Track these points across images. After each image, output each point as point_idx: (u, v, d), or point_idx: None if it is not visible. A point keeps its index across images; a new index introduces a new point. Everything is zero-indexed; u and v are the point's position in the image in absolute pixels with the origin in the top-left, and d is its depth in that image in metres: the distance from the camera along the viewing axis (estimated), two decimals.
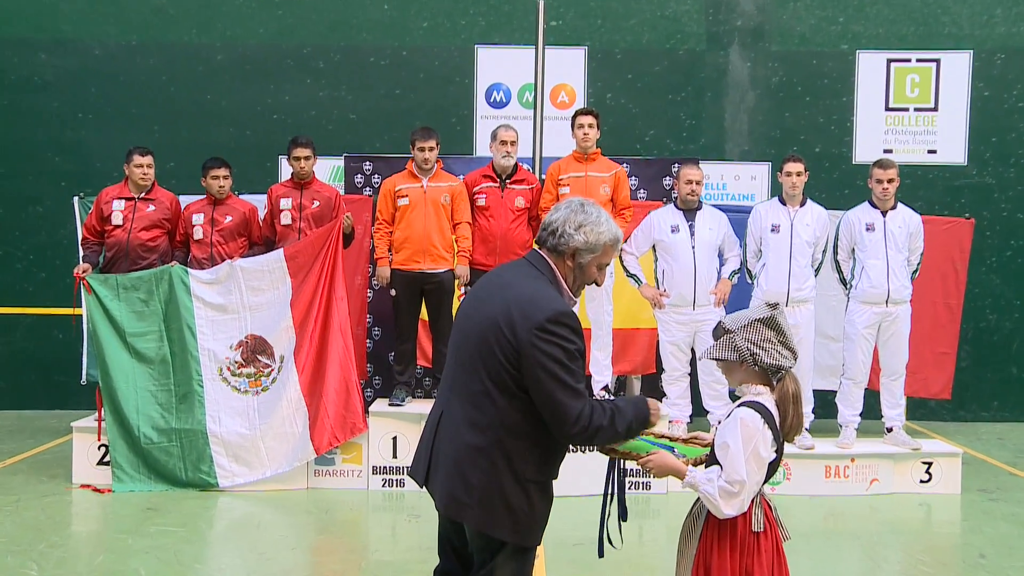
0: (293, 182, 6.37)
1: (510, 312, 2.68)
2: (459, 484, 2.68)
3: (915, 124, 8.33)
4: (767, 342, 2.84)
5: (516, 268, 2.86)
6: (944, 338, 7.20)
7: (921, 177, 8.30)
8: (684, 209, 6.33)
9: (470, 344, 2.73)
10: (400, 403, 6.20)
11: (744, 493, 2.75)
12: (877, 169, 6.26)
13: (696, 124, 8.33)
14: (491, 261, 6.29)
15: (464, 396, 2.73)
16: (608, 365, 6.43)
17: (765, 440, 2.77)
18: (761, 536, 2.81)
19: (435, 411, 2.88)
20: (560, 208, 2.93)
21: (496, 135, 6.34)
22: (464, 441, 2.68)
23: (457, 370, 2.76)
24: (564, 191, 6.25)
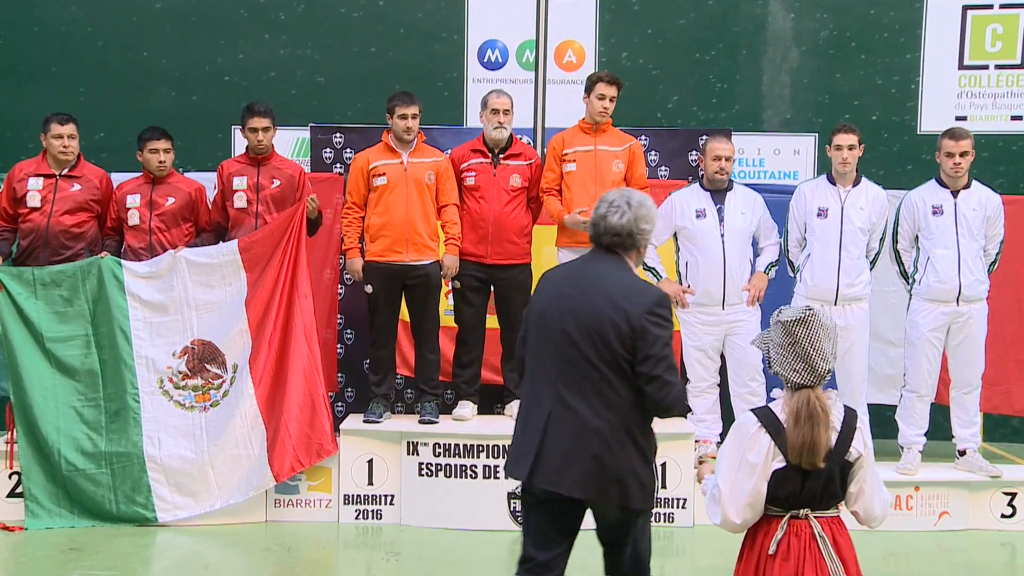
0: (249, 157, 6.44)
1: (617, 302, 3.48)
2: (594, 468, 3.42)
3: (996, 85, 8.35)
4: (782, 348, 3.17)
5: (600, 261, 3.65)
6: None
7: (1003, 149, 8.32)
8: (712, 190, 6.39)
9: (578, 339, 3.47)
10: (377, 420, 6.28)
11: (726, 496, 3.11)
12: (947, 140, 6.31)
13: (728, 88, 8.37)
14: (482, 250, 6.37)
15: (578, 387, 3.46)
16: None
17: (757, 444, 3.09)
18: (778, 561, 3.08)
19: (538, 407, 3.54)
20: (616, 208, 3.68)
21: (487, 102, 6.42)
22: (589, 427, 3.42)
23: (563, 365, 3.47)
24: (569, 168, 6.32)
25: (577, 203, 6.26)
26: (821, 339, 3.17)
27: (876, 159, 7.72)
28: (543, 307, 3.60)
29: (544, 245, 6.72)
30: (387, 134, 6.34)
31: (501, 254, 6.37)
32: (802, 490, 3.15)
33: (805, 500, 3.16)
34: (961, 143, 6.25)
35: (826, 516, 3.21)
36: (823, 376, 3.17)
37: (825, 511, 3.20)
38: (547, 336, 3.57)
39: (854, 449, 3.20)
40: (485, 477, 6.05)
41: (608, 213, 3.66)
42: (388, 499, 6.15)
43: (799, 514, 3.16)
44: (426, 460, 6.09)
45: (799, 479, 3.10)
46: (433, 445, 6.10)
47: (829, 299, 6.27)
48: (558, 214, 6.29)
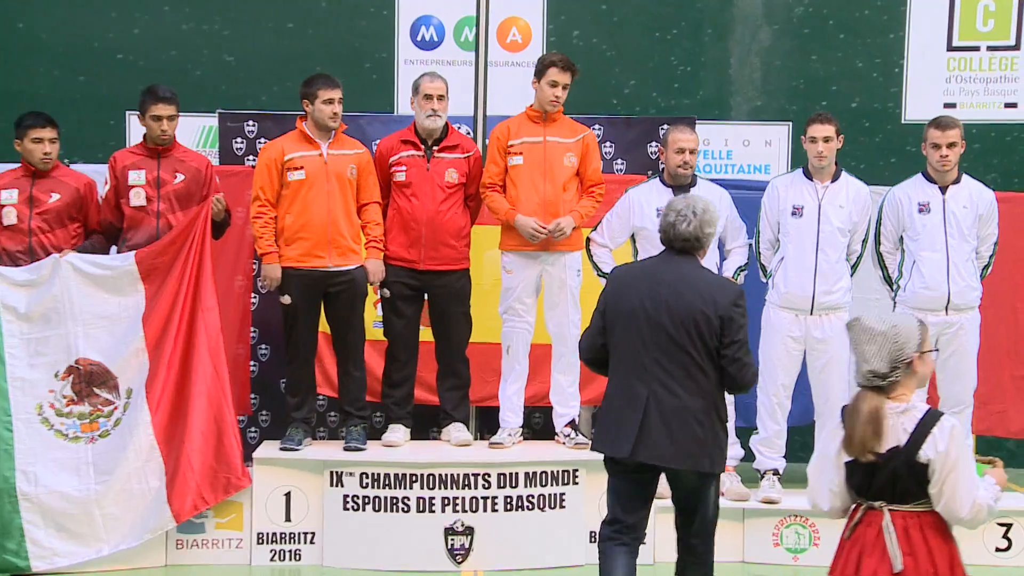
0: (147, 148, 6.38)
1: (707, 296, 4.52)
2: (692, 442, 4.47)
3: (988, 68, 8.50)
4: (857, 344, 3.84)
5: (679, 262, 4.66)
6: None
7: (996, 140, 8.48)
8: (674, 186, 6.44)
9: (673, 331, 4.48)
10: (296, 447, 6.25)
11: (813, 485, 3.93)
12: (933, 130, 6.41)
13: (692, 72, 8.45)
14: (414, 255, 6.37)
15: (673, 373, 4.48)
16: (575, 393, 6.54)
17: (835, 439, 3.85)
18: (848, 545, 3.83)
19: (634, 392, 4.52)
20: (683, 217, 4.63)
21: (418, 87, 6.42)
22: (687, 408, 4.46)
23: (658, 354, 4.49)
24: (515, 161, 6.35)
25: (525, 201, 6.28)
26: (863, 343, 3.82)
27: (857, 151, 7.81)
28: (634, 303, 4.58)
29: (485, 248, 6.75)
30: (301, 121, 6.32)
31: (436, 259, 6.37)
32: (870, 484, 3.79)
33: (876, 493, 3.80)
34: (948, 133, 6.35)
35: (904, 510, 3.78)
36: (867, 377, 3.80)
37: (903, 505, 3.78)
38: (640, 329, 4.54)
39: (923, 454, 3.72)
40: (420, 511, 6.05)
41: (677, 222, 4.64)
42: (308, 537, 6.12)
43: (875, 505, 3.80)
44: (352, 492, 6.07)
45: (867, 472, 3.77)
46: (360, 475, 6.08)
47: (804, 307, 6.35)
48: (505, 214, 6.30)
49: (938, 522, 3.81)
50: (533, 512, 6.10)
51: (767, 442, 6.48)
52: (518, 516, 6.09)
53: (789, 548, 6.27)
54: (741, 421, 6.74)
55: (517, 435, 6.48)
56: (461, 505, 6.06)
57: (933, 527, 3.80)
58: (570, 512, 6.15)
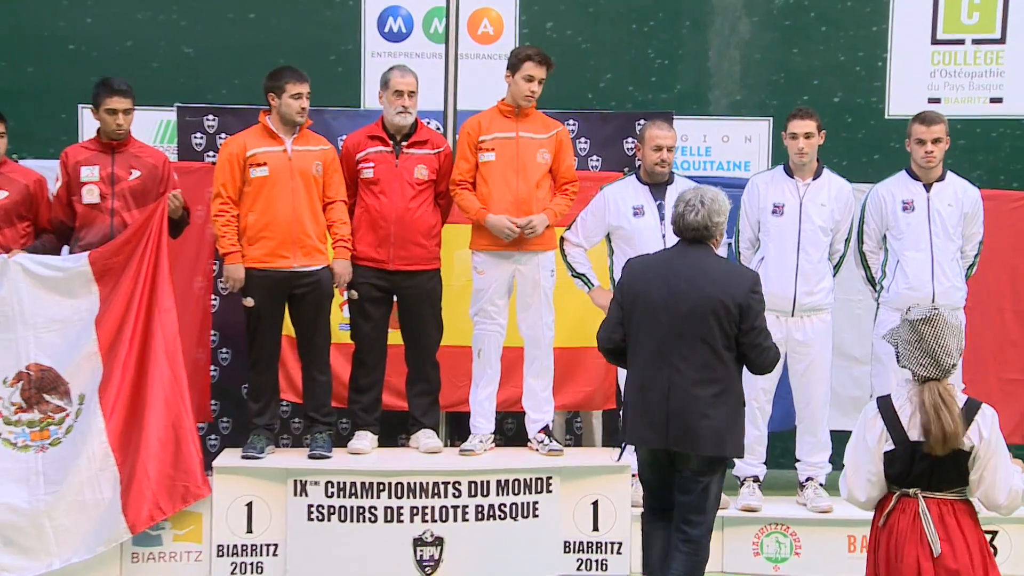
0: (101, 143, 6.36)
1: (723, 285, 4.83)
2: (712, 427, 4.79)
3: (974, 62, 8.59)
4: (907, 344, 4.16)
5: (693, 251, 4.96)
6: (1015, 359, 7.41)
7: (981, 136, 8.55)
8: (651, 183, 6.47)
9: (692, 320, 4.78)
10: (258, 455, 6.24)
11: (849, 476, 4.23)
12: (918, 125, 6.47)
13: (669, 65, 8.48)
14: (383, 255, 6.37)
15: (691, 360, 4.79)
16: (548, 398, 6.56)
17: (873, 429, 4.15)
18: (885, 533, 4.13)
19: (655, 382, 4.85)
20: (691, 207, 4.94)
21: (388, 81, 6.41)
22: (708, 394, 4.78)
23: (677, 344, 4.80)
24: (487, 158, 6.35)
25: (497, 199, 6.29)
26: (946, 337, 4.11)
27: (839, 147, 7.87)
28: (652, 294, 4.89)
29: (455, 248, 6.75)
30: (264, 116, 6.31)
31: (406, 259, 6.37)
32: (910, 471, 4.09)
33: (914, 481, 4.10)
34: (933, 128, 6.41)
35: (938, 497, 4.09)
36: (948, 371, 4.10)
37: (938, 492, 4.10)
38: (658, 319, 4.86)
39: (967, 440, 4.04)
40: (387, 521, 6.04)
41: (685, 212, 4.96)
42: (271, 549, 6.11)
43: (909, 492, 4.10)
44: (317, 502, 6.06)
45: (907, 461, 4.07)
46: (325, 484, 6.06)
47: (785, 309, 6.37)
48: (476, 212, 6.31)
49: (969, 509, 4.15)
50: (505, 522, 6.10)
51: (747, 448, 6.48)
52: (490, 526, 6.09)
53: (770, 557, 6.31)
54: None
55: (489, 442, 6.48)
56: (430, 515, 6.05)
57: (966, 513, 4.13)
58: (544, 522, 6.15)
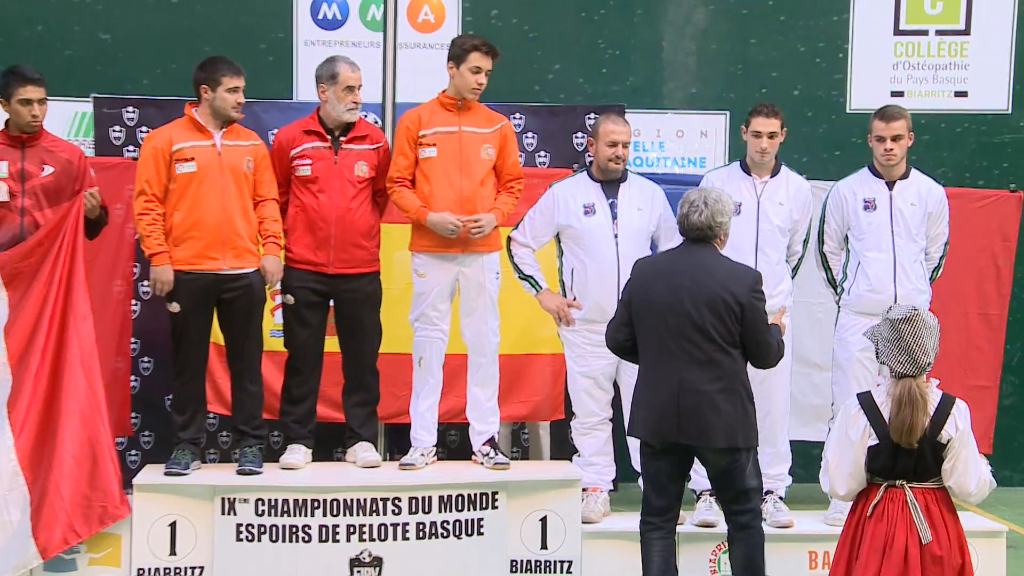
0: (9, 137, 6.28)
1: (727, 284, 5.25)
2: (722, 421, 5.21)
3: (938, 54, 8.73)
4: (887, 341, 4.61)
5: (697, 251, 5.39)
6: (981, 366, 7.56)
7: (945, 132, 8.70)
8: (603, 180, 6.52)
9: (698, 319, 5.20)
10: (183, 471, 6.20)
11: (832, 471, 4.67)
12: (877, 122, 6.53)
13: (621, 56, 8.54)
14: (322, 257, 6.35)
15: (697, 358, 5.22)
16: (494, 408, 6.57)
17: (856, 424, 4.59)
18: (873, 522, 4.55)
19: (665, 379, 5.27)
20: (695, 208, 5.37)
21: (337, 76, 6.36)
22: (715, 389, 5.21)
23: (684, 342, 5.23)
24: (427, 153, 6.35)
25: (439, 197, 6.29)
26: (924, 337, 4.58)
27: (798, 143, 7.89)
28: (658, 294, 5.31)
29: (394, 249, 6.76)
30: (191, 108, 6.28)
31: (346, 261, 6.38)
32: (895, 464, 4.54)
33: (899, 472, 4.55)
34: (893, 125, 6.47)
35: (921, 487, 4.57)
36: (924, 368, 4.57)
37: (921, 483, 4.57)
38: (665, 318, 5.27)
39: (945, 432, 4.52)
40: (322, 540, 6.03)
41: (689, 213, 5.37)
42: (196, 572, 6.07)
43: (895, 484, 4.55)
44: (246, 521, 6.04)
45: (891, 454, 4.52)
46: (255, 501, 6.05)
47: None
48: (416, 211, 6.30)
49: (948, 498, 4.63)
50: (448, 540, 6.11)
51: None
52: (432, 545, 6.10)
53: (727, 574, 6.37)
54: None
55: (430, 455, 6.50)
56: (368, 533, 6.05)
57: (945, 502, 4.62)
58: (489, 539, 6.18)
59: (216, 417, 7.07)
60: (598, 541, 6.33)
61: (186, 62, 6.44)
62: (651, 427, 5.39)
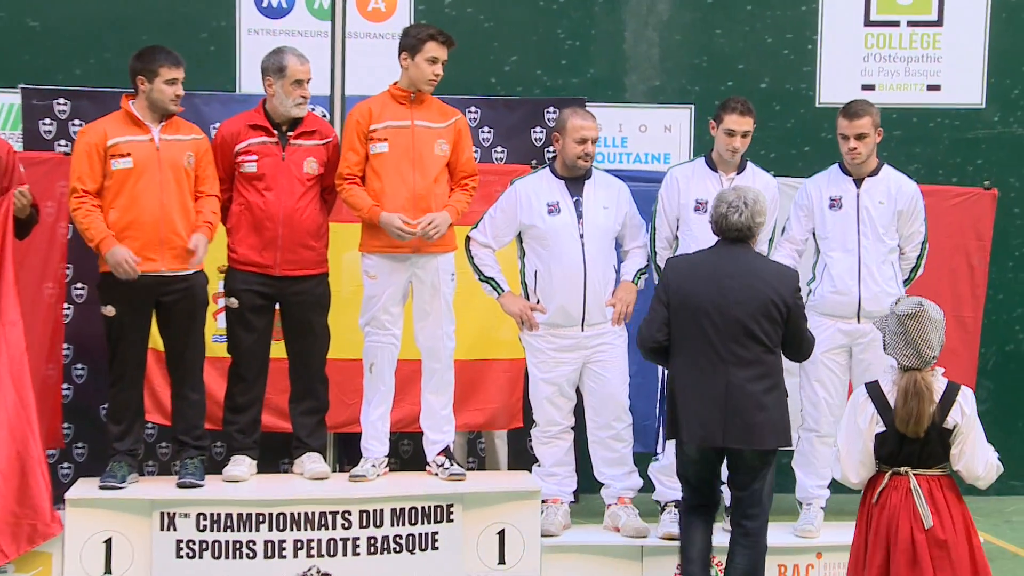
0: None
1: (773, 285, 5.56)
2: (769, 423, 5.51)
3: (909, 46, 8.81)
4: (893, 335, 4.92)
5: (737, 252, 5.63)
6: (955, 370, 7.38)
7: (918, 127, 8.79)
8: (567, 177, 6.53)
9: (746, 321, 5.48)
10: (119, 484, 6.17)
11: (843, 458, 5.01)
12: (841, 119, 6.55)
13: (581, 47, 8.57)
14: (268, 259, 6.34)
15: (744, 357, 5.49)
16: (449, 417, 6.57)
17: (864, 412, 4.93)
18: (877, 509, 4.90)
19: (709, 381, 5.50)
20: (735, 208, 5.60)
21: (285, 69, 6.34)
22: (761, 389, 5.50)
23: (730, 343, 5.49)
24: (378, 149, 6.34)
25: (391, 194, 6.29)
26: (928, 331, 4.87)
27: (766, 138, 8.00)
28: (703, 295, 5.53)
29: (343, 250, 6.76)
30: (128, 100, 6.25)
31: (294, 263, 6.37)
32: (900, 451, 4.86)
33: (904, 459, 4.87)
34: (857, 123, 6.50)
35: (926, 474, 4.87)
36: (928, 361, 4.87)
37: (926, 470, 4.87)
38: (712, 320, 5.50)
39: (951, 418, 4.84)
40: (267, 556, 6.03)
41: (728, 213, 5.59)
42: None
43: (900, 471, 4.87)
44: (187, 537, 6.02)
45: (897, 441, 4.84)
46: (197, 516, 6.03)
47: None
48: (368, 211, 6.28)
49: (953, 483, 4.93)
50: (401, 555, 6.12)
51: (669, 470, 6.58)
52: (383, 560, 6.11)
53: None
54: (639, 446, 6.86)
55: (382, 466, 6.50)
56: (317, 549, 6.05)
57: (951, 488, 4.90)
58: (444, 554, 6.18)
59: (155, 427, 7.03)
60: (559, 555, 6.35)
61: (121, 51, 6.42)
62: (696, 431, 5.58)
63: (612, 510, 6.61)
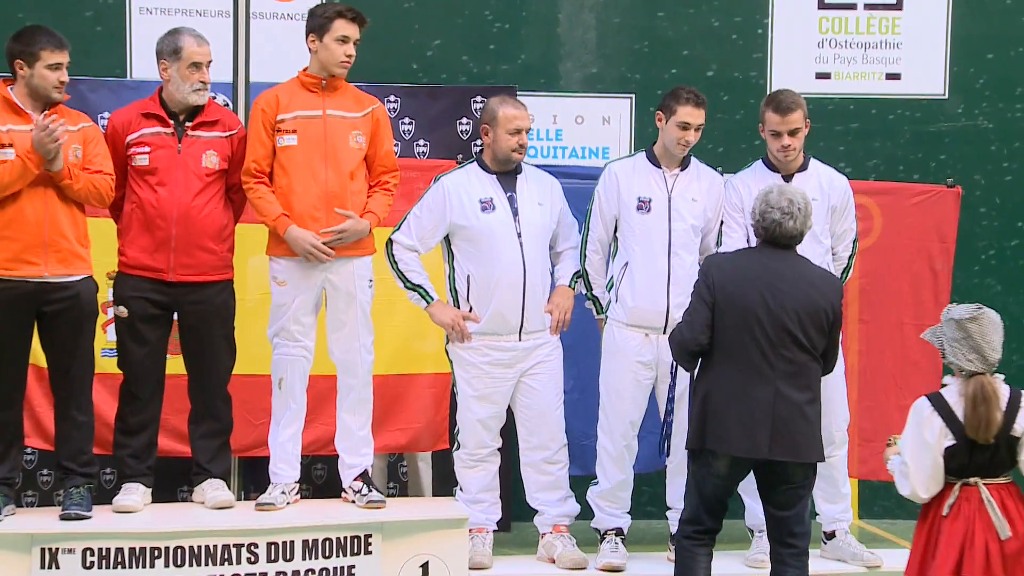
0: None
1: (824, 292, 5.73)
2: (812, 435, 5.71)
3: (867, 31, 8.91)
4: (956, 342, 5.16)
5: (786, 256, 5.77)
6: (918, 383, 7.53)
7: (877, 119, 8.89)
8: (499, 172, 6.55)
9: (796, 330, 5.62)
10: None
11: (913, 474, 5.18)
12: (771, 113, 6.59)
13: (511, 30, 8.60)
14: (161, 262, 6.30)
15: (791, 370, 5.63)
16: (367, 438, 6.55)
17: (931, 426, 5.13)
18: (949, 521, 5.14)
19: (753, 390, 5.62)
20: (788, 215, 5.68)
21: (180, 51, 6.29)
22: (805, 399, 5.66)
23: (781, 351, 5.62)
24: (287, 141, 6.33)
25: (301, 193, 6.28)
26: (991, 333, 5.13)
27: (712, 131, 7.83)
28: (754, 300, 5.64)
29: (249, 253, 6.75)
30: (6, 85, 6.20)
31: (192, 267, 6.33)
32: (970, 462, 5.12)
33: (974, 470, 5.13)
34: (790, 118, 6.54)
35: (995, 483, 5.15)
36: (993, 365, 5.15)
37: (994, 479, 5.15)
38: (762, 326, 5.62)
39: (1018, 425, 5.13)
40: None
41: (783, 220, 5.69)
42: None
43: (969, 482, 5.14)
44: (72, 575, 5.94)
45: (967, 453, 5.11)
46: (83, 552, 5.95)
47: (656, 324, 6.53)
48: (276, 220, 6.24)
49: (1019, 492, 5.22)
50: None
51: (609, 495, 6.63)
52: None
53: None
54: (576, 469, 6.88)
55: (293, 493, 6.48)
56: None
57: (1018, 496, 5.21)
58: None
59: (35, 452, 6.97)
60: None
61: None
62: (736, 442, 5.66)
63: (547, 539, 6.63)
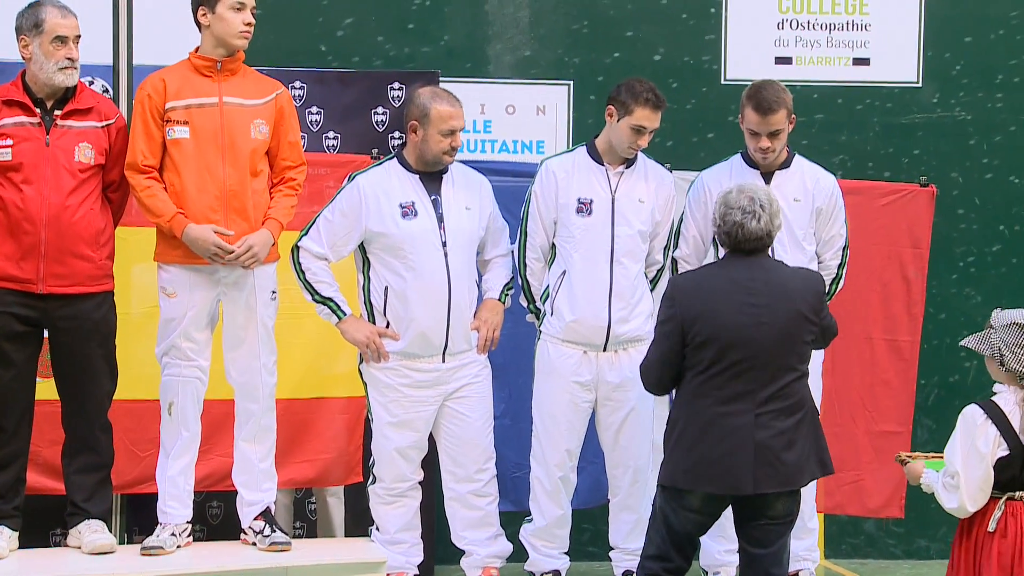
0: None
1: (800, 297, 5.73)
2: (800, 458, 5.69)
3: (832, 11, 8.96)
4: (1015, 346, 5.39)
5: (759, 263, 5.75)
6: (890, 405, 7.80)
7: (844, 109, 8.95)
8: (422, 171, 6.56)
9: (777, 349, 5.63)
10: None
11: (963, 485, 5.32)
12: (751, 112, 6.63)
13: (433, 8, 8.59)
14: (28, 272, 6.26)
15: (773, 390, 5.63)
16: (269, 471, 6.57)
17: (986, 435, 5.31)
18: (996, 538, 5.32)
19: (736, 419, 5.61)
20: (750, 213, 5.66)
21: (42, 24, 6.24)
22: (791, 424, 5.66)
23: (759, 374, 5.61)
24: (177, 133, 6.31)
25: (195, 192, 6.27)
26: None
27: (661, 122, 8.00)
28: (726, 322, 5.62)
29: (134, 260, 6.75)
30: None
31: (64, 277, 6.29)
32: (1020, 474, 5.32)
33: (1021, 483, 5.33)
34: (771, 119, 6.58)
35: None
36: None
37: None
38: (736, 349, 5.60)
39: None
40: None
41: (745, 221, 5.67)
42: None
43: (1015, 496, 5.34)
44: None
45: (1020, 464, 5.30)
46: None
47: (596, 341, 6.61)
48: (171, 220, 6.23)
49: None
50: None
51: (545, 533, 6.68)
52: None
53: None
54: (508, 504, 6.93)
55: (184, 535, 6.47)
56: None
57: None
58: None
59: None
60: None
61: None
62: (720, 478, 5.68)
63: None
